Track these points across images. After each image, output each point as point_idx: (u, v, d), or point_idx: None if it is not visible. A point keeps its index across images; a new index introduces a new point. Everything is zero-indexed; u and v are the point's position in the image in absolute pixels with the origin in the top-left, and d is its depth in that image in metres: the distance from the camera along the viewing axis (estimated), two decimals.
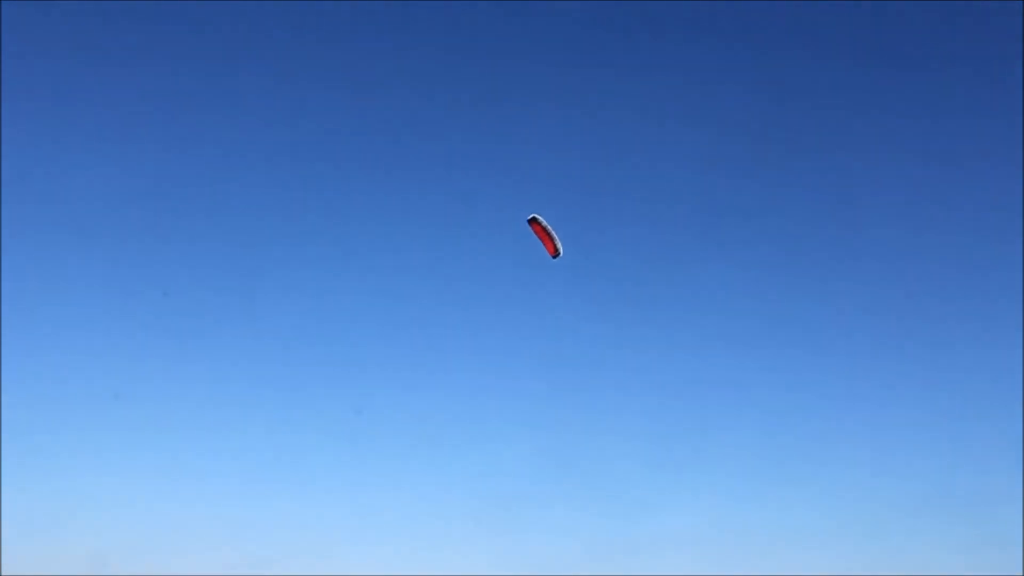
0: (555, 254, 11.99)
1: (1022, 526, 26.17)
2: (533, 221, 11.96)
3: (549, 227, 11.74)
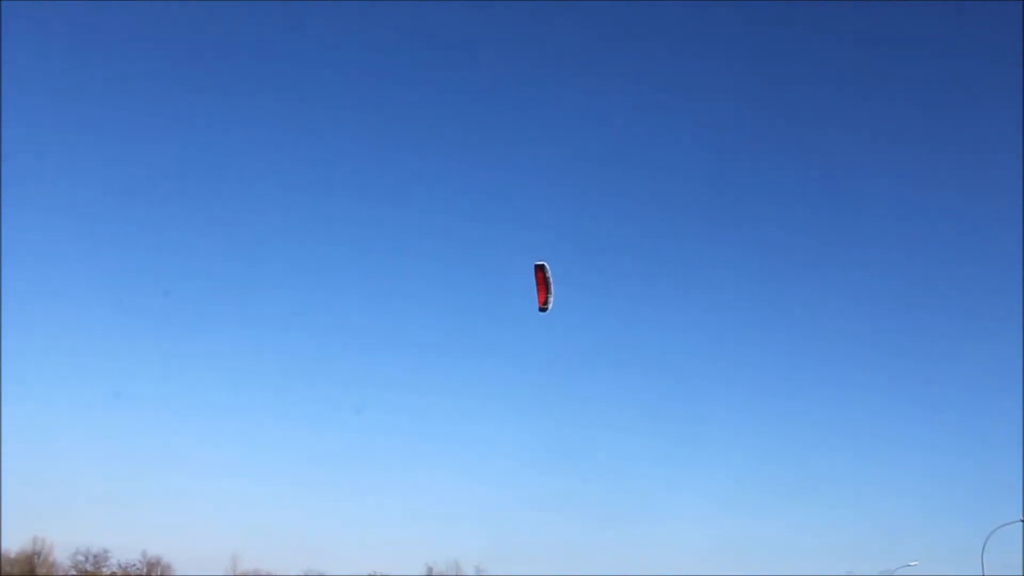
0: (543, 307, 11.78)
1: (1022, 526, 26.82)
2: (539, 268, 11.74)
3: (551, 279, 11.58)
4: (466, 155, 70.03)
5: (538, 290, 11.93)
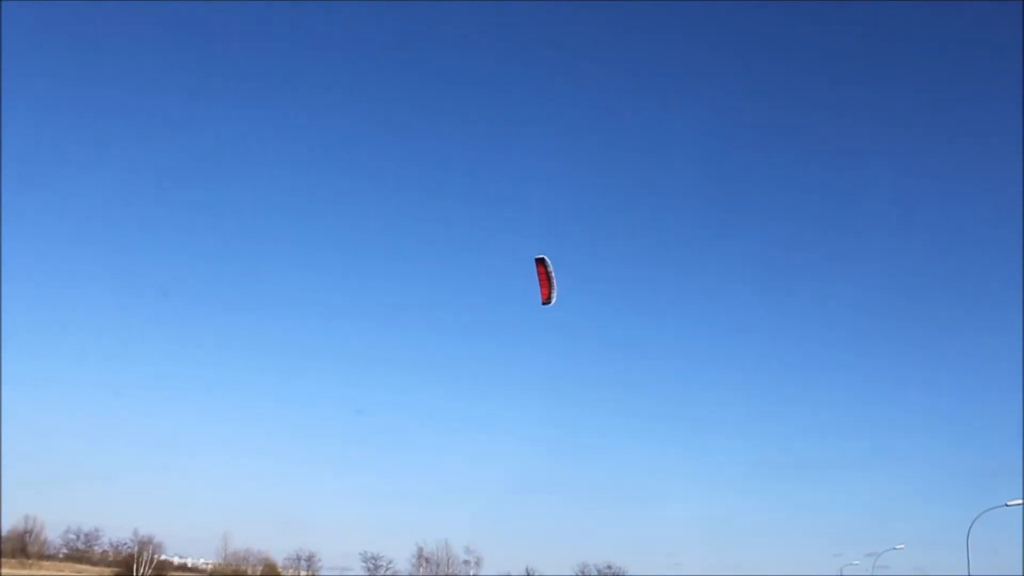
0: (547, 300, 11.52)
1: (1022, 525, 27.29)
2: (540, 262, 11.45)
3: (552, 273, 11.34)
4: (464, 149, 69.61)
5: (540, 284, 11.70)
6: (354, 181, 68.92)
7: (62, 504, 56.96)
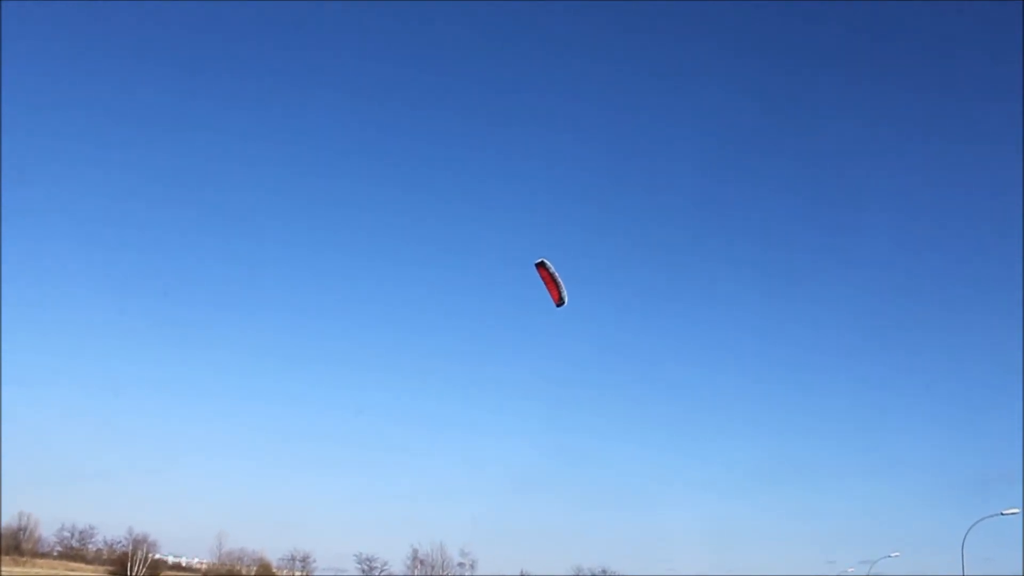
0: (559, 302, 11.43)
1: (1022, 526, 27.14)
2: (540, 266, 11.36)
3: (556, 274, 11.24)
4: (463, 150, 69.59)
5: (548, 288, 11.61)
6: (353, 182, 68.96)
7: (57, 502, 56.84)
